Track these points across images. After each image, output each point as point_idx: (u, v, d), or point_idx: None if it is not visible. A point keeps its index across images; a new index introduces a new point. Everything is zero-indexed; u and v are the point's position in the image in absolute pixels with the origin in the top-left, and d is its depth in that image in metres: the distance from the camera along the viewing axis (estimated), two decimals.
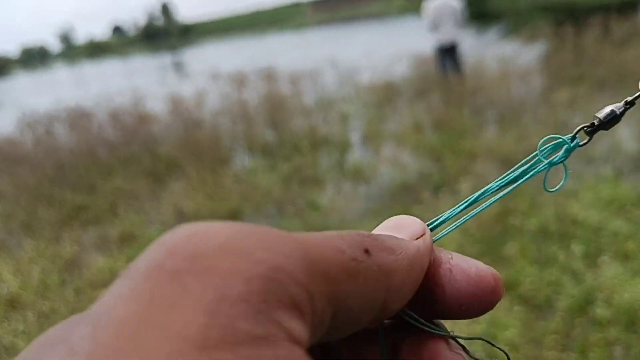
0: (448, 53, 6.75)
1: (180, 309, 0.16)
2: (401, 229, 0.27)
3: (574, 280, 2.39)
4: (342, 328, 0.22)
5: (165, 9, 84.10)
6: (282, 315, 0.17)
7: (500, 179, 0.30)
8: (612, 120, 0.31)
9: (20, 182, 5.40)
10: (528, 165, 0.30)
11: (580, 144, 0.31)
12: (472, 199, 0.31)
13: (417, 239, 0.26)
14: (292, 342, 0.17)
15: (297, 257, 0.19)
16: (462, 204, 0.31)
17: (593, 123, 0.32)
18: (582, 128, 0.32)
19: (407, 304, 0.25)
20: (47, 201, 4.84)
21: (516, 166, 0.30)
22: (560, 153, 0.29)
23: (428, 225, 0.29)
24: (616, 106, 0.31)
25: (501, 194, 0.30)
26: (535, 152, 0.30)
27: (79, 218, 4.46)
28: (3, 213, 4.88)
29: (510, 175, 0.30)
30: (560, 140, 0.30)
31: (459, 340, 0.26)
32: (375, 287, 0.22)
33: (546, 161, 0.29)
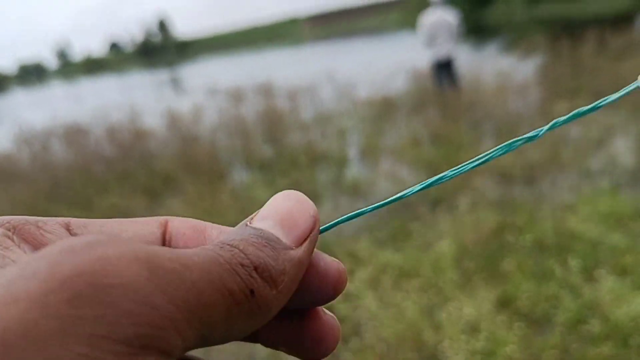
0: (444, 68, 6.79)
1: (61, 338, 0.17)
2: (292, 226, 0.26)
3: (572, 294, 2.39)
4: (216, 342, 0.23)
5: (162, 25, 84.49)
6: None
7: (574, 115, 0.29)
8: None
9: (16, 198, 5.40)
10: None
11: None
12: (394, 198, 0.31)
13: (304, 241, 0.26)
14: None
15: (183, 305, 0.20)
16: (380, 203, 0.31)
17: None
18: None
19: None
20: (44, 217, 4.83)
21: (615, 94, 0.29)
22: None
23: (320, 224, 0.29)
24: None
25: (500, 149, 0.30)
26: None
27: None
28: None
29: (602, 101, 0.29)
30: None
31: None
32: (249, 324, 0.23)
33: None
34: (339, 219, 0.32)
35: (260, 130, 6.73)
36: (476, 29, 16.22)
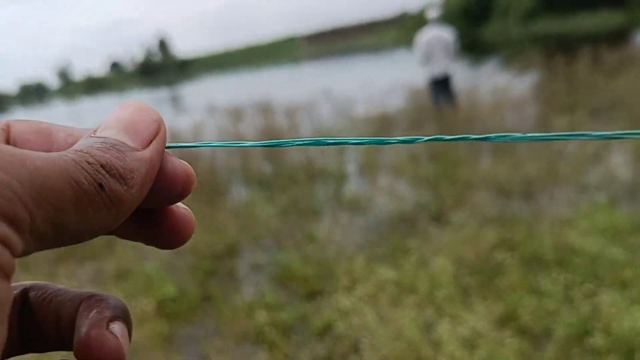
0: (441, 85, 6.81)
1: None
2: (136, 131, 0.27)
3: (572, 309, 2.37)
4: (72, 240, 0.23)
5: (162, 45, 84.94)
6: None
7: None
8: None
9: None
10: None
11: None
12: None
13: (150, 143, 0.27)
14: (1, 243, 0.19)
15: (27, 183, 0.20)
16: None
17: None
18: None
19: None
20: None
21: None
22: None
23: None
24: None
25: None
26: None
27: (75, 254, 4.44)
28: None
29: None
30: None
31: None
32: (104, 217, 0.24)
33: None
34: (192, 144, 0.35)
35: (259, 148, 6.72)
36: (472, 46, 16.33)
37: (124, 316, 0.29)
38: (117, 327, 0.28)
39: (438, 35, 6.62)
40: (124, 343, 0.27)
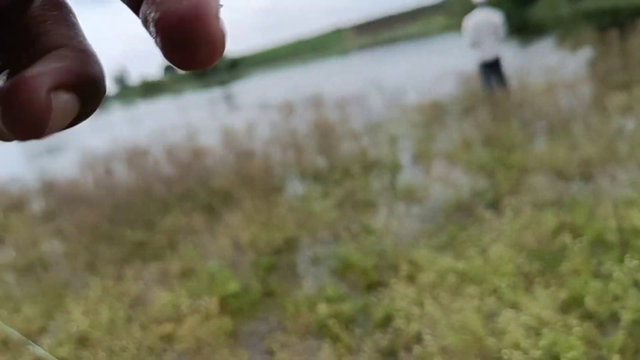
0: (491, 68, 6.65)
1: None
2: None
3: (639, 293, 2.28)
4: None
5: None
6: None
7: None
8: None
9: (82, 222, 5.56)
10: None
11: None
12: None
13: None
14: None
15: None
16: None
17: None
18: None
19: None
20: (108, 240, 4.97)
21: None
22: None
23: None
24: None
25: None
26: None
27: (139, 255, 4.56)
28: (67, 253, 5.03)
29: None
30: None
31: None
32: None
33: None
34: None
35: (312, 142, 6.74)
36: (522, 27, 15.89)
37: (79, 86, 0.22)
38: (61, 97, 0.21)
39: (486, 18, 6.47)
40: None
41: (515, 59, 9.47)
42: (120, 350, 2.95)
